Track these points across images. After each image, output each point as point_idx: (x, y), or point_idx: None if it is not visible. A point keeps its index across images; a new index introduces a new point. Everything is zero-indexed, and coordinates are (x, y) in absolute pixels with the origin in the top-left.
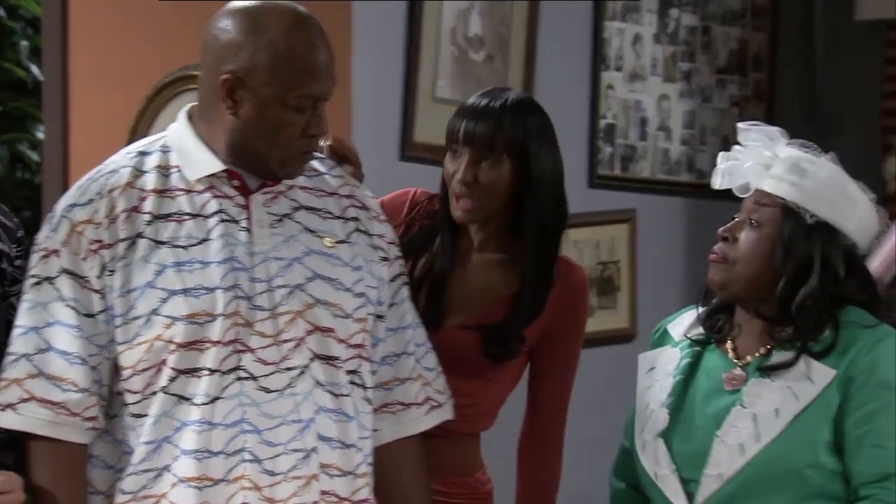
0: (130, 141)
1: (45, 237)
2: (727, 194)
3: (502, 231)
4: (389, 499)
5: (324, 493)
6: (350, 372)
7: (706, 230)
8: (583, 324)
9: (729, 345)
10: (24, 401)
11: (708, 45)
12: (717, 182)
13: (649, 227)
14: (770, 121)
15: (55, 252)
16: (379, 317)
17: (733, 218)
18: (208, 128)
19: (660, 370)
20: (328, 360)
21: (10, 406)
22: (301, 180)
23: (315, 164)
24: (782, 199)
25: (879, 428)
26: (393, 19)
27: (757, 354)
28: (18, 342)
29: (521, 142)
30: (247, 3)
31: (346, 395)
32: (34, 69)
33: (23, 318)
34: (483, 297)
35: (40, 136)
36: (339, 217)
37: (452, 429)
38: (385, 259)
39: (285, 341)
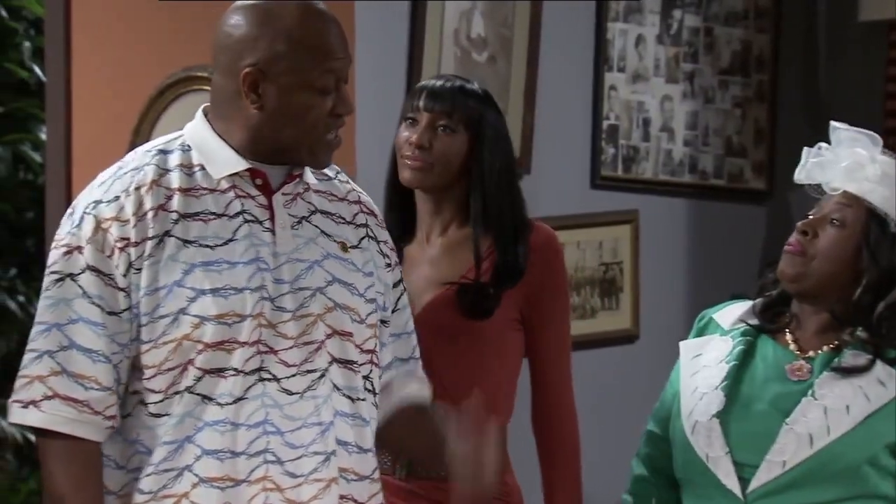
0: (133, 141)
1: (68, 233)
2: (729, 195)
3: (459, 215)
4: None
5: (342, 497)
6: (365, 377)
7: (709, 231)
8: (561, 277)
9: (788, 336)
10: (48, 398)
11: (711, 46)
12: (801, 177)
13: (652, 229)
14: (773, 122)
15: (79, 248)
16: (383, 322)
17: (808, 215)
18: (225, 126)
19: (708, 357)
20: (346, 363)
21: (34, 403)
22: (314, 183)
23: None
24: (871, 203)
25: None
26: (395, 20)
27: (824, 349)
28: (40, 339)
29: (478, 119)
30: (254, 1)
31: (362, 400)
32: (37, 70)
33: (44, 315)
34: (450, 272)
35: (43, 136)
36: (350, 222)
37: None
38: (389, 265)
39: (307, 343)
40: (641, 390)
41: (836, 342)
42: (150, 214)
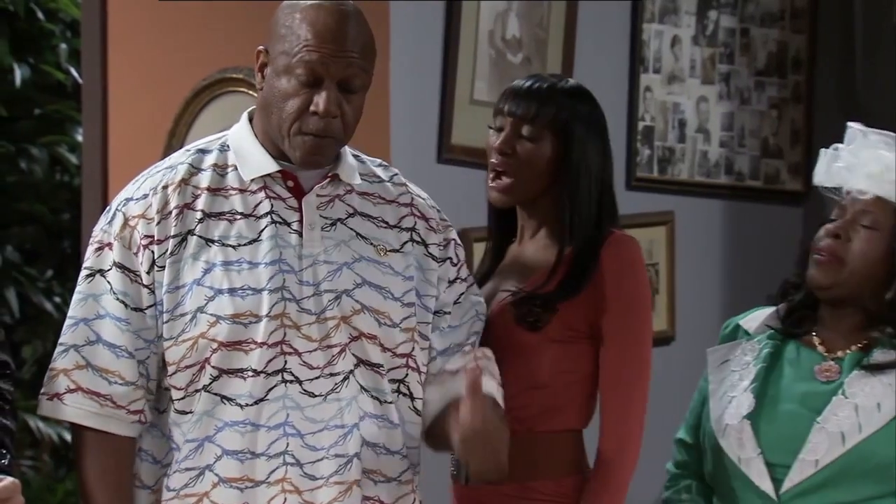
0: (169, 143)
1: (101, 230)
2: (765, 197)
3: (551, 220)
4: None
5: (367, 498)
6: (395, 381)
7: (745, 232)
8: (634, 288)
9: (815, 339)
10: (71, 391)
11: (747, 46)
12: (822, 180)
13: (688, 230)
14: (809, 123)
15: (109, 245)
16: (445, 312)
17: (831, 219)
18: (257, 119)
19: (735, 362)
20: (371, 366)
21: (58, 396)
22: (361, 185)
23: (378, 170)
24: None
25: None
26: (430, 21)
27: (852, 349)
28: (68, 333)
29: (564, 121)
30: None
31: (390, 403)
32: (73, 72)
33: (74, 310)
34: (524, 278)
35: (79, 138)
36: (394, 226)
37: (532, 427)
38: (443, 260)
39: (331, 346)
40: (677, 392)
41: (865, 341)
42: (174, 213)
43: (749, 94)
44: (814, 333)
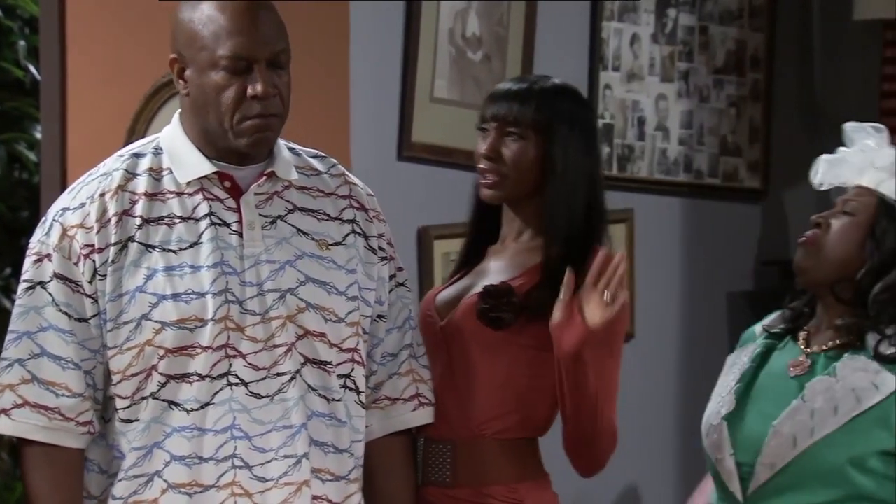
0: (128, 140)
1: (38, 241)
2: (724, 194)
3: (536, 222)
4: (374, 501)
5: (315, 497)
6: (342, 376)
7: (704, 230)
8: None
9: (802, 334)
10: (18, 406)
11: (706, 45)
12: (817, 181)
13: (647, 228)
14: (768, 121)
15: (48, 256)
16: (381, 317)
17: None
18: (186, 124)
19: (738, 364)
20: (319, 364)
21: (4, 412)
22: (299, 179)
23: (314, 162)
24: (882, 193)
25: None
26: (390, 19)
27: (825, 347)
28: (11, 347)
29: (546, 120)
30: None
31: (338, 400)
32: (32, 69)
33: (16, 323)
34: (502, 278)
35: (38, 135)
36: (335, 219)
37: (488, 432)
38: (384, 259)
39: (276, 346)
40: (637, 389)
41: (839, 340)
42: (113, 220)
43: (708, 92)
44: (805, 329)
